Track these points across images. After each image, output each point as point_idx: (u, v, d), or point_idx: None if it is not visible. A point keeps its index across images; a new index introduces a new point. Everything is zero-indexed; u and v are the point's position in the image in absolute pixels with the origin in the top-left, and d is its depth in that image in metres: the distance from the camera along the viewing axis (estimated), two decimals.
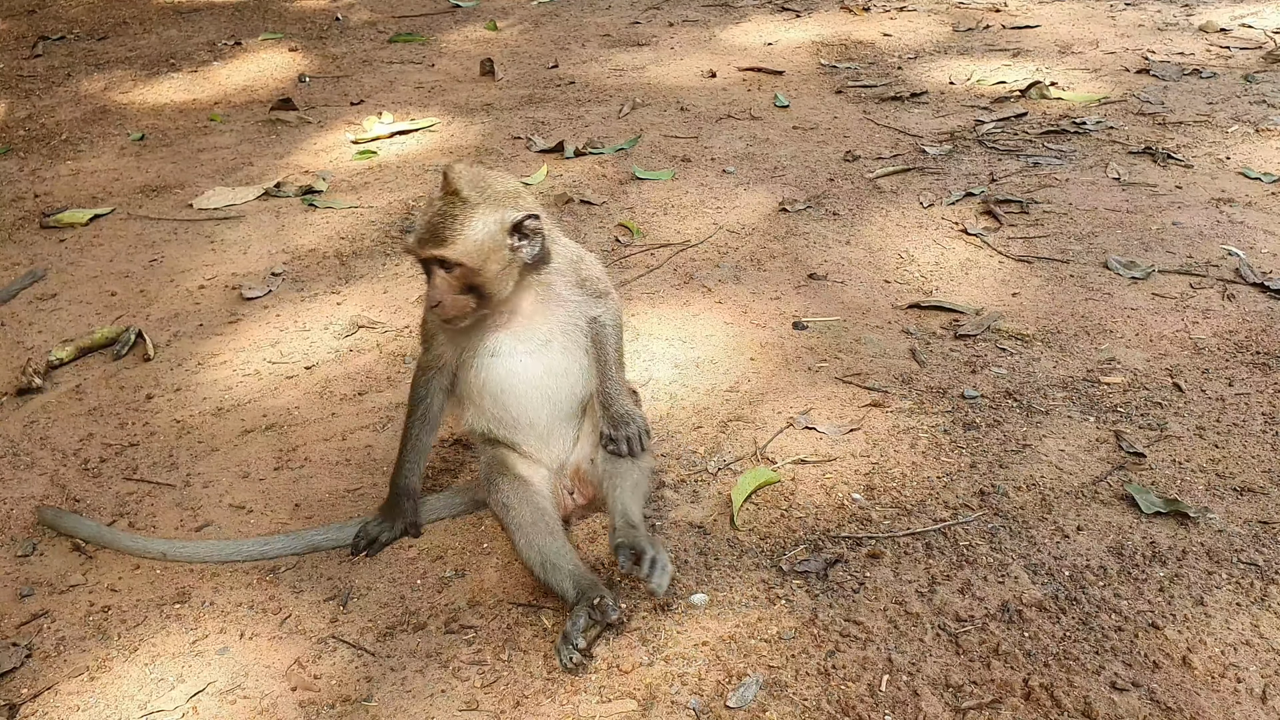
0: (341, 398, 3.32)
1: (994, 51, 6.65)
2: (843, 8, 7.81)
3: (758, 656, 2.29)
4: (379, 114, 5.80)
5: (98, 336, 3.67)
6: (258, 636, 2.42)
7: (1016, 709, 2.15)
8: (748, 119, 5.61)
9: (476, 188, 2.44)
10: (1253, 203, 4.40)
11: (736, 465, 2.92)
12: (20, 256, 4.34)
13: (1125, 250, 4.06)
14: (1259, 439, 2.98)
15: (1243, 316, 3.59)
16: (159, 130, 5.76)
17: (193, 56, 7.03)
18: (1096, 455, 2.92)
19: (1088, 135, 5.18)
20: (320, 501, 2.86)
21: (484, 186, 2.46)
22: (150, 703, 2.25)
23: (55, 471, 3.04)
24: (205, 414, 3.27)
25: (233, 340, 3.68)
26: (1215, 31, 6.84)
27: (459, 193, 2.42)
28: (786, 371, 3.35)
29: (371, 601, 2.50)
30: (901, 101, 5.82)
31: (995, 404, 3.16)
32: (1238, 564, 2.52)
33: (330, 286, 4.00)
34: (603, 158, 5.11)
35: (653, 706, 2.18)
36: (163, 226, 4.58)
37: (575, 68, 6.64)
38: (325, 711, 2.21)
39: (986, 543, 2.60)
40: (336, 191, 4.87)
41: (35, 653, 2.40)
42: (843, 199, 4.59)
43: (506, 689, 2.24)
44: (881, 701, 2.17)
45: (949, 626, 2.36)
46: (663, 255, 4.14)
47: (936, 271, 3.96)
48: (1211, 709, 2.14)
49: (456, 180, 2.43)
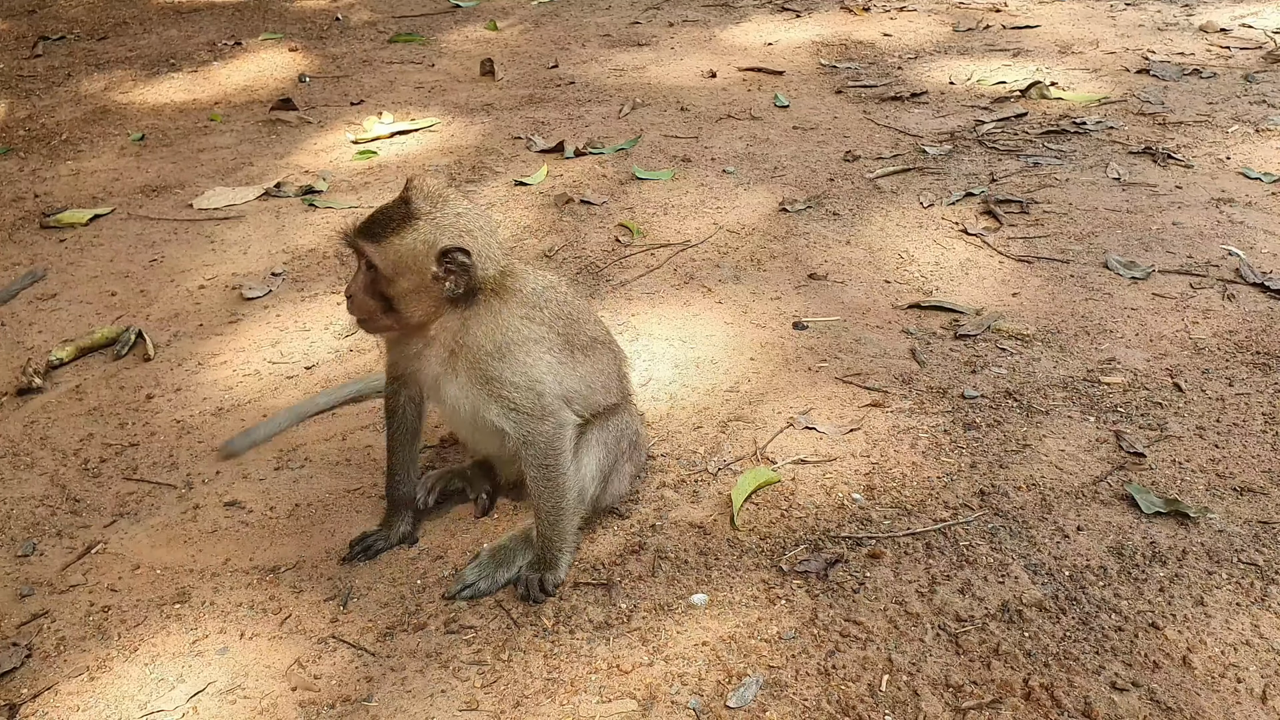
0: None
1: (994, 51, 6.65)
2: (843, 8, 7.81)
3: (758, 656, 2.29)
4: (379, 114, 5.80)
5: (98, 336, 3.67)
6: (258, 636, 2.42)
7: (1016, 709, 2.15)
8: (748, 119, 5.61)
9: (429, 203, 2.36)
10: (1253, 203, 4.40)
11: (736, 465, 2.92)
12: (20, 256, 4.34)
13: (1125, 250, 4.06)
14: (1259, 439, 2.98)
15: (1243, 316, 3.59)
16: (159, 130, 5.76)
17: (193, 56, 7.03)
18: (1096, 455, 2.92)
19: (1088, 135, 5.18)
20: (320, 501, 2.87)
21: (437, 205, 2.37)
22: (150, 703, 2.25)
23: (55, 471, 3.04)
24: (205, 414, 3.28)
25: (233, 340, 3.68)
26: (1215, 31, 6.83)
27: (409, 201, 2.36)
28: (786, 371, 3.35)
29: (371, 601, 2.50)
30: (901, 101, 5.82)
31: (995, 404, 3.16)
32: (1238, 564, 2.52)
33: (330, 286, 4.00)
34: (603, 158, 5.11)
35: (653, 706, 2.18)
36: (163, 226, 4.58)
37: (575, 68, 6.64)
38: (325, 711, 2.21)
39: (986, 543, 2.60)
40: (336, 191, 4.87)
41: (35, 653, 2.40)
42: (843, 199, 4.59)
43: (506, 689, 2.24)
44: (881, 701, 2.18)
45: (949, 626, 2.36)
46: (663, 255, 4.14)
47: (936, 271, 3.97)
48: (1211, 709, 2.14)
49: (415, 190, 2.38)
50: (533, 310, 2.46)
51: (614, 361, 2.74)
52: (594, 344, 2.65)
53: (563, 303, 2.56)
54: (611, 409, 2.69)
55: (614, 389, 2.71)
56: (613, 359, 2.73)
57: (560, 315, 2.53)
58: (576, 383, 2.55)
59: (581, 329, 2.60)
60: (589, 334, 2.63)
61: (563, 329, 2.52)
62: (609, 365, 2.70)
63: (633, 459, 2.74)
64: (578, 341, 2.57)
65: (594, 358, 2.63)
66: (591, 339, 2.64)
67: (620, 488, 2.70)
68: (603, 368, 2.66)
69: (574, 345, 2.55)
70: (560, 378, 2.49)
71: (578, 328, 2.59)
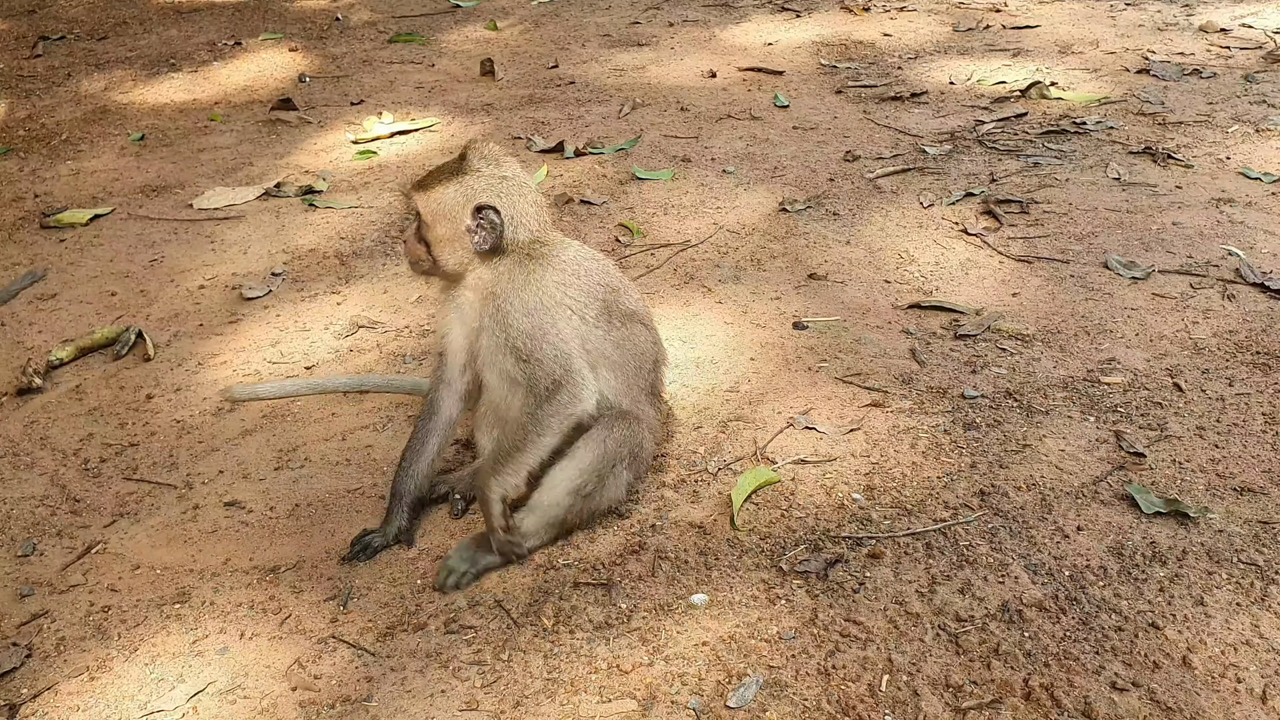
0: (341, 397, 3.32)
1: (994, 51, 6.65)
2: (843, 8, 7.81)
3: (758, 656, 2.29)
4: (379, 114, 5.80)
5: (98, 336, 3.67)
6: (258, 636, 2.42)
7: (1016, 709, 2.15)
8: (748, 119, 5.61)
9: (482, 162, 2.55)
10: (1253, 203, 4.40)
11: (736, 465, 2.92)
12: (20, 256, 4.34)
13: (1125, 250, 4.06)
14: (1259, 439, 2.98)
15: (1243, 316, 3.59)
16: (159, 130, 5.76)
17: (193, 56, 7.03)
18: (1096, 455, 2.92)
19: (1088, 135, 5.18)
20: (320, 501, 2.87)
21: (486, 166, 2.55)
22: (150, 703, 2.25)
23: (55, 471, 3.04)
24: (205, 414, 3.28)
25: (233, 340, 3.68)
26: (1215, 31, 6.83)
27: (464, 158, 2.56)
28: (786, 371, 3.35)
29: (371, 601, 2.50)
30: (901, 101, 5.82)
31: (995, 404, 3.16)
32: (1238, 564, 2.52)
33: (330, 286, 4.00)
34: (603, 158, 5.11)
35: (653, 706, 2.18)
36: (163, 226, 4.58)
37: (575, 68, 6.64)
38: (325, 711, 2.21)
39: (986, 543, 2.60)
40: (336, 191, 4.87)
41: (35, 653, 2.40)
42: (843, 199, 4.59)
43: (506, 689, 2.24)
44: (881, 701, 2.18)
45: (949, 626, 2.36)
46: (663, 255, 4.14)
47: (936, 271, 3.97)
48: (1211, 709, 2.14)
49: (473, 150, 2.57)
50: (568, 277, 2.58)
51: (651, 344, 2.78)
52: (632, 319, 2.71)
53: (604, 272, 2.67)
54: (623, 415, 2.65)
55: (646, 373, 2.73)
56: (650, 341, 2.78)
57: (600, 284, 2.63)
58: (611, 349, 2.62)
59: (621, 300, 2.69)
60: (628, 307, 2.71)
61: (603, 295, 2.62)
62: (645, 345, 2.74)
63: (632, 467, 2.69)
64: (617, 311, 2.66)
65: (632, 330, 2.69)
66: (630, 313, 2.71)
67: (617, 493, 2.67)
68: (639, 343, 2.71)
69: (612, 314, 2.65)
70: (588, 341, 2.58)
71: (617, 297, 2.67)
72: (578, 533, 2.68)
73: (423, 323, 3.72)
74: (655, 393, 2.82)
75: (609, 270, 2.71)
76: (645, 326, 2.77)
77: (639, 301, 2.78)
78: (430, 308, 3.80)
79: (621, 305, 2.68)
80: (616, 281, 2.70)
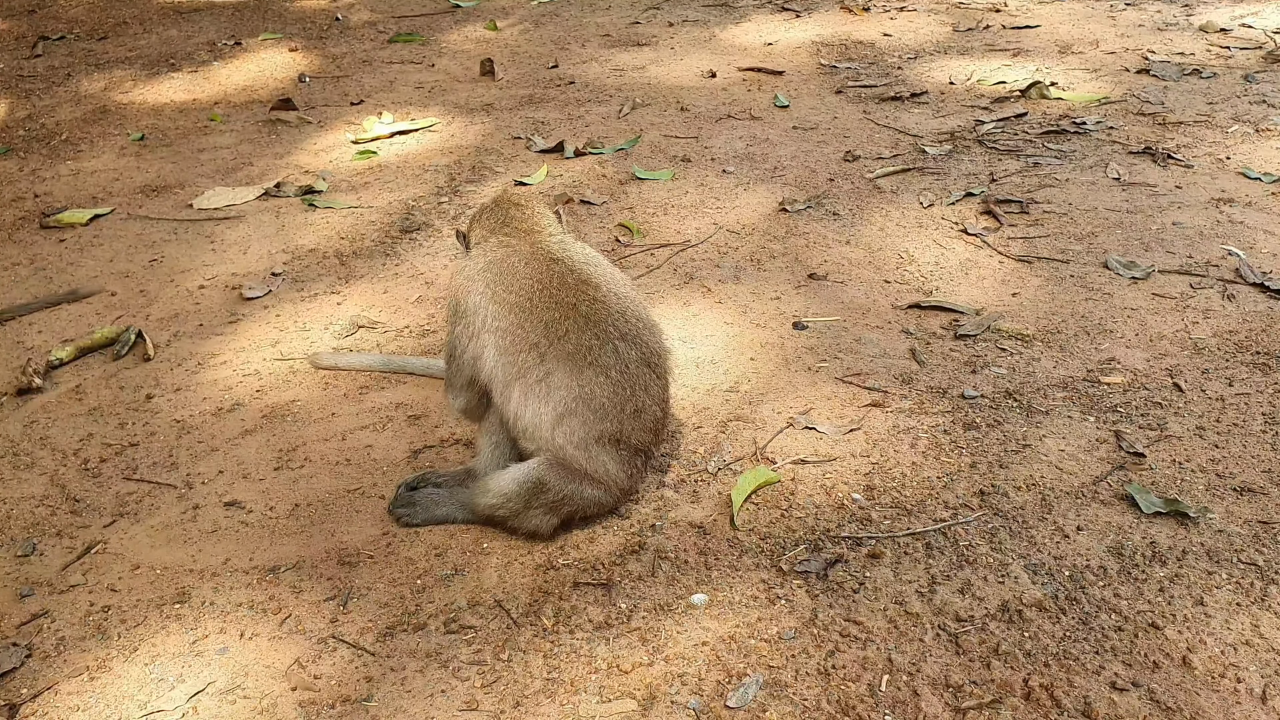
0: (341, 397, 3.32)
1: (994, 51, 6.65)
2: (843, 8, 7.81)
3: (758, 656, 2.29)
4: (379, 114, 5.80)
5: (98, 336, 3.67)
6: (258, 636, 2.42)
7: (1016, 709, 2.15)
8: (748, 119, 5.61)
9: (510, 207, 2.82)
10: (1253, 203, 4.40)
11: (736, 465, 2.92)
12: (20, 256, 4.34)
13: (1125, 250, 4.06)
14: (1259, 439, 2.98)
15: (1243, 316, 3.59)
16: (159, 130, 5.76)
17: (193, 56, 7.03)
18: (1096, 455, 2.92)
19: (1088, 135, 5.18)
20: (320, 501, 2.87)
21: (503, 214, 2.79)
22: (150, 703, 2.25)
23: (55, 471, 3.04)
24: (205, 414, 3.28)
25: (233, 340, 3.68)
26: (1215, 31, 6.83)
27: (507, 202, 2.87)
28: (786, 371, 3.35)
29: (371, 601, 2.50)
30: (901, 101, 5.82)
31: (995, 404, 3.16)
32: (1238, 564, 2.52)
33: (330, 286, 4.00)
34: (603, 158, 5.11)
35: (653, 706, 2.18)
36: (163, 226, 4.58)
37: (575, 68, 6.64)
38: (325, 711, 2.22)
39: (986, 543, 2.60)
40: (336, 191, 4.87)
41: (35, 653, 2.40)
42: (843, 199, 4.59)
43: (506, 689, 2.24)
44: (881, 701, 2.18)
45: (949, 626, 2.36)
46: (663, 255, 4.14)
47: (936, 271, 3.97)
48: (1211, 709, 2.14)
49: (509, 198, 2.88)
50: (477, 272, 2.66)
51: (609, 411, 2.49)
52: (577, 361, 2.46)
53: (520, 288, 2.58)
54: (578, 474, 2.56)
55: (588, 444, 2.54)
56: (613, 402, 2.50)
57: (515, 301, 2.57)
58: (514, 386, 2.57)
59: (556, 335, 2.49)
60: (567, 347, 2.47)
61: (516, 310, 2.57)
62: (587, 406, 2.48)
63: (556, 512, 2.57)
64: (535, 341, 2.51)
65: (566, 376, 2.48)
66: (571, 354, 2.46)
67: (539, 525, 2.59)
68: (572, 401, 2.48)
69: (528, 343, 2.51)
70: (483, 360, 2.62)
71: (546, 331, 2.50)
72: (576, 533, 2.68)
73: (423, 323, 3.72)
74: (626, 444, 2.59)
75: (531, 288, 2.63)
76: (603, 375, 2.50)
77: (606, 347, 2.53)
78: (430, 308, 3.81)
79: (560, 344, 2.53)
80: (544, 313, 2.59)
